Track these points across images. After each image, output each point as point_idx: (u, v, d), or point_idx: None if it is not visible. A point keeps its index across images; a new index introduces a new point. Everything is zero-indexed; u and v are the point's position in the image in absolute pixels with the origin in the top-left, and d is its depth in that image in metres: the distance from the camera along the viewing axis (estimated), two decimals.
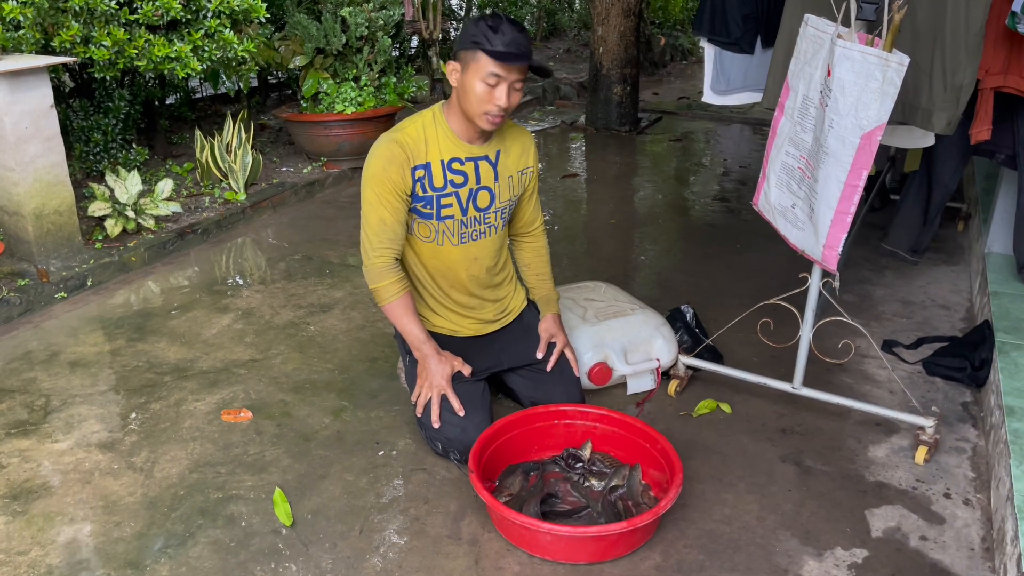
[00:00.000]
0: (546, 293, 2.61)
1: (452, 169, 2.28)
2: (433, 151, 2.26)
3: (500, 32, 2.08)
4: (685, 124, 6.83)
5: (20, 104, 3.25)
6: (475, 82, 2.12)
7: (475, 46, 2.09)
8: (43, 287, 3.36)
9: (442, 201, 2.28)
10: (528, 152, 2.43)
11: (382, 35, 5.08)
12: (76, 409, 2.63)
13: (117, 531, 2.10)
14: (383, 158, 2.23)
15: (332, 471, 2.34)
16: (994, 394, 2.54)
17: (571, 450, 2.34)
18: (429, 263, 2.40)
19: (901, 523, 2.16)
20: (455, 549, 2.05)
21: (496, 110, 2.15)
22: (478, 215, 2.35)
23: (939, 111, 2.34)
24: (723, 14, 3.24)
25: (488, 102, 2.14)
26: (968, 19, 2.24)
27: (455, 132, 2.27)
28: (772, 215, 2.46)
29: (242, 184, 4.46)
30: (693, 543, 2.08)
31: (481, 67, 2.10)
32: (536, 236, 2.59)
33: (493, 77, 2.10)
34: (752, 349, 2.95)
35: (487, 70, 2.10)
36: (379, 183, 2.23)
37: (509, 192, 2.40)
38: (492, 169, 2.33)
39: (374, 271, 2.28)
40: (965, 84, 2.30)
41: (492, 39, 2.07)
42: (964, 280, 3.63)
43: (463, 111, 2.21)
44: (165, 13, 3.79)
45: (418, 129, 2.26)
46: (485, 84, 2.11)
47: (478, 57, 2.10)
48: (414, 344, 2.33)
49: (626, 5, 6.04)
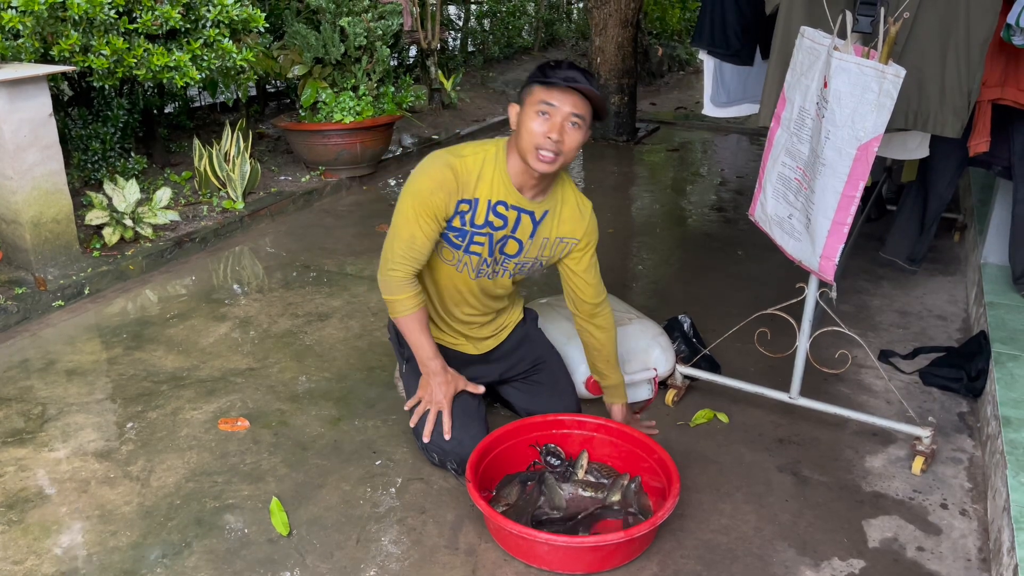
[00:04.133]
0: (617, 381, 2.50)
1: (496, 211, 2.20)
2: (484, 189, 2.18)
3: (558, 67, 2.04)
4: (682, 134, 6.85)
5: (19, 112, 3.26)
6: (530, 118, 2.06)
7: (531, 82, 2.07)
8: (40, 295, 3.36)
9: (475, 238, 2.23)
10: (580, 226, 2.30)
11: (381, 45, 5.09)
12: (73, 418, 2.63)
13: (113, 540, 2.09)
14: (434, 180, 2.14)
15: (329, 480, 2.34)
16: (990, 404, 2.54)
17: (550, 446, 2.34)
18: (441, 281, 2.36)
19: (898, 533, 2.16)
20: (452, 559, 2.05)
21: (549, 144, 2.05)
22: (501, 258, 2.30)
23: (953, 116, 2.36)
24: (722, 26, 3.26)
25: (540, 135, 2.05)
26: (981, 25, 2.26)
27: (511, 175, 2.18)
28: (769, 226, 2.47)
29: (240, 193, 4.47)
30: (690, 553, 2.07)
31: (534, 98, 2.05)
32: (605, 316, 2.42)
33: (545, 106, 2.04)
34: (749, 359, 2.96)
35: (539, 99, 2.05)
36: (422, 203, 2.14)
37: (538, 252, 2.31)
38: (533, 226, 2.26)
39: (393, 283, 2.22)
40: (974, 89, 2.33)
41: (548, 72, 2.04)
42: (960, 290, 3.64)
43: (518, 150, 2.13)
44: (164, 22, 3.80)
45: (477, 162, 2.17)
46: (538, 115, 2.05)
47: (532, 90, 2.06)
48: (423, 359, 2.30)
49: (624, 16, 6.07)
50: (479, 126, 6.68)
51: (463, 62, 8.40)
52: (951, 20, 2.29)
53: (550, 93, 2.04)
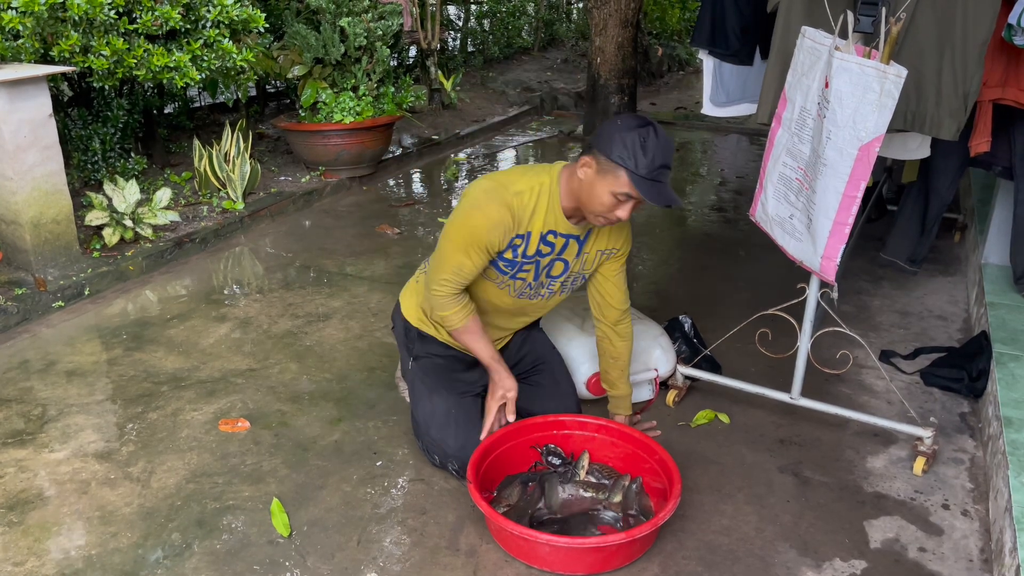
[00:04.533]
0: (626, 392, 2.50)
1: (546, 240, 2.19)
2: (537, 222, 2.15)
3: (649, 155, 1.97)
4: (682, 134, 6.85)
5: (19, 113, 3.25)
6: (605, 193, 2.02)
7: (620, 162, 1.98)
8: (40, 296, 3.35)
9: (524, 266, 2.22)
10: (621, 235, 2.30)
11: (381, 45, 5.09)
12: (73, 419, 2.63)
13: (113, 542, 2.09)
14: (491, 220, 2.09)
15: (330, 481, 2.34)
16: (992, 405, 2.54)
17: (550, 447, 2.34)
18: (479, 294, 2.32)
19: (900, 534, 2.16)
20: (453, 560, 2.04)
21: (614, 219, 2.07)
22: (546, 281, 2.29)
23: (949, 118, 2.35)
24: (722, 26, 3.25)
25: (610, 212, 2.04)
26: (978, 27, 2.25)
27: (563, 207, 2.15)
28: (769, 226, 2.46)
29: (240, 193, 4.46)
30: (692, 554, 2.07)
31: (619, 184, 1.99)
32: (627, 324, 2.42)
33: (625, 196, 2.01)
34: (750, 359, 2.95)
35: (623, 190, 2.00)
36: (475, 239, 2.10)
37: (582, 267, 2.31)
38: (578, 246, 2.25)
39: (441, 300, 2.20)
40: (972, 91, 2.32)
41: (640, 162, 1.97)
42: (961, 291, 3.64)
43: (579, 200, 2.09)
44: (164, 23, 3.80)
45: (532, 197, 2.13)
46: (615, 198, 2.02)
47: (618, 174, 1.99)
48: (487, 361, 2.29)
49: (624, 16, 6.06)
50: (479, 126, 6.68)
51: (463, 62, 8.40)
52: (948, 21, 2.28)
53: (636, 190, 1.99)
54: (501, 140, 6.65)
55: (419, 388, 2.43)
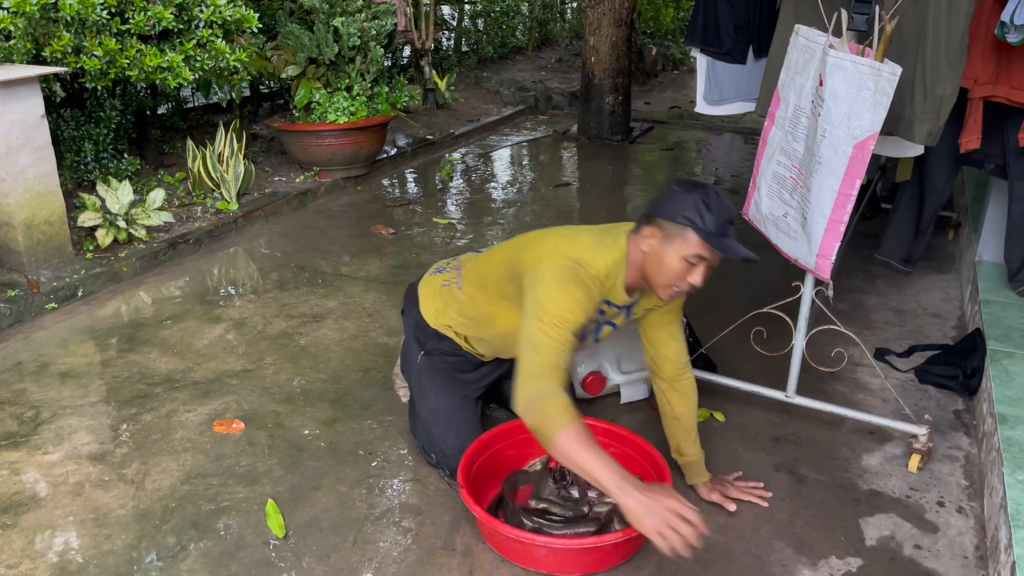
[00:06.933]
0: (696, 456, 2.29)
1: (600, 310, 2.11)
2: (606, 292, 2.06)
3: (714, 211, 1.92)
4: (677, 133, 6.85)
5: (11, 114, 3.24)
6: (675, 259, 1.94)
7: (687, 222, 1.91)
8: (33, 297, 3.34)
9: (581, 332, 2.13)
10: None
11: (374, 45, 5.08)
12: (66, 420, 2.61)
13: (108, 544, 2.08)
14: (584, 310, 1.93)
15: (325, 482, 2.33)
16: (986, 402, 2.55)
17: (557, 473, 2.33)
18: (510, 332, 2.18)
19: (895, 532, 2.16)
20: (448, 560, 2.04)
21: (686, 287, 1.98)
22: (591, 341, 2.25)
23: (920, 122, 2.35)
24: (715, 24, 3.25)
25: (681, 280, 1.97)
26: (949, 30, 2.25)
27: (626, 283, 2.07)
28: (763, 224, 2.46)
29: (234, 194, 4.45)
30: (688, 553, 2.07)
31: (689, 246, 1.92)
32: (688, 380, 2.28)
33: (697, 258, 1.94)
34: (745, 358, 2.95)
35: (694, 251, 1.93)
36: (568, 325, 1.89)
37: (626, 323, 2.25)
38: (627, 312, 2.18)
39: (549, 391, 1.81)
40: (947, 95, 2.31)
41: (707, 219, 1.91)
42: (955, 288, 3.65)
43: (646, 275, 2.02)
44: (157, 23, 3.78)
45: (609, 280, 2.03)
46: (686, 263, 1.94)
47: (686, 235, 1.92)
48: (616, 485, 1.71)
49: (618, 15, 6.07)
50: (473, 126, 6.67)
51: (457, 62, 8.40)
52: (922, 25, 2.28)
53: (710, 250, 1.93)
54: (496, 140, 6.65)
55: (426, 383, 2.39)
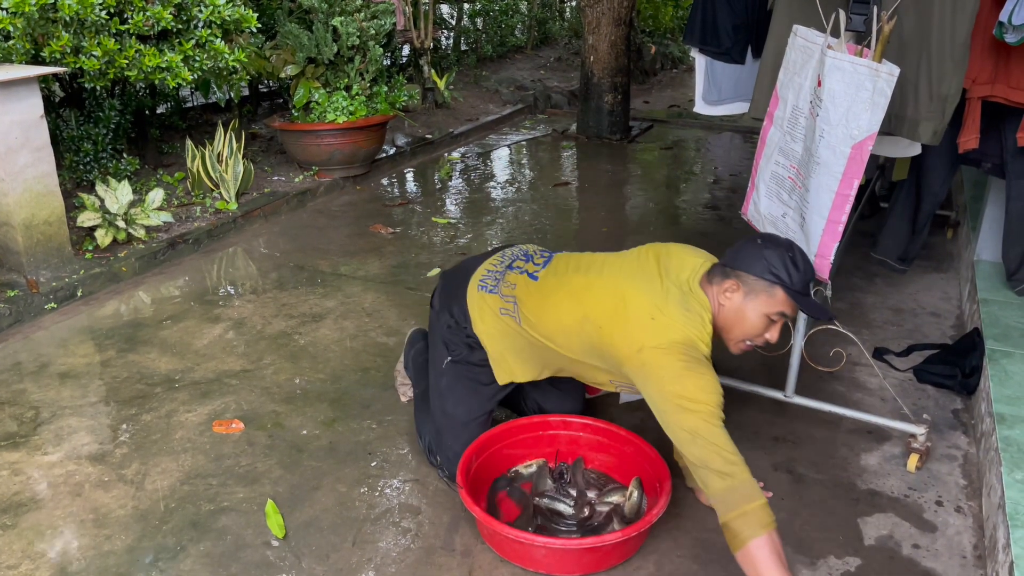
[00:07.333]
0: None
1: None
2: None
3: (801, 269, 1.94)
4: (676, 132, 6.85)
5: (10, 114, 3.24)
6: (757, 315, 1.96)
7: (775, 280, 1.93)
8: (33, 298, 3.34)
9: None
10: None
11: (373, 44, 5.08)
12: (66, 421, 2.62)
13: (108, 544, 2.08)
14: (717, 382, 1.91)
15: (324, 482, 2.34)
16: (984, 401, 2.55)
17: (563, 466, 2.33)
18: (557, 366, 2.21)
19: (894, 531, 2.16)
20: (448, 560, 2.04)
21: (760, 343, 2.01)
22: None
23: (925, 121, 2.35)
24: (714, 24, 3.25)
25: (759, 335, 1.99)
26: (954, 29, 2.25)
27: None
28: (762, 224, 2.47)
29: (233, 193, 4.45)
30: (686, 552, 2.08)
31: (776, 304, 1.94)
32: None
33: (780, 316, 1.96)
34: (744, 357, 2.94)
35: (778, 309, 1.95)
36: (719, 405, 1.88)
37: None
38: None
39: (749, 488, 1.77)
40: (951, 94, 2.31)
41: (795, 277, 1.93)
42: (954, 287, 3.65)
43: (723, 328, 2.02)
44: (156, 23, 3.78)
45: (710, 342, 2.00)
46: (767, 319, 1.96)
47: (774, 292, 1.94)
48: None
49: (617, 14, 6.06)
50: (472, 125, 6.67)
51: (456, 61, 8.39)
52: (927, 23, 2.28)
53: (794, 308, 1.96)
54: (495, 139, 6.65)
55: (446, 390, 2.33)
